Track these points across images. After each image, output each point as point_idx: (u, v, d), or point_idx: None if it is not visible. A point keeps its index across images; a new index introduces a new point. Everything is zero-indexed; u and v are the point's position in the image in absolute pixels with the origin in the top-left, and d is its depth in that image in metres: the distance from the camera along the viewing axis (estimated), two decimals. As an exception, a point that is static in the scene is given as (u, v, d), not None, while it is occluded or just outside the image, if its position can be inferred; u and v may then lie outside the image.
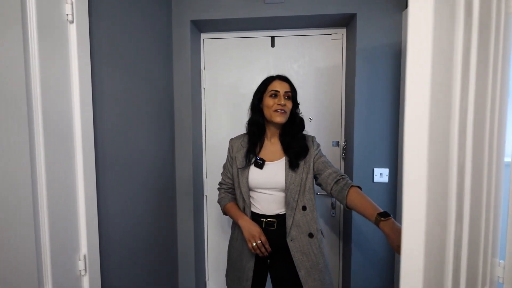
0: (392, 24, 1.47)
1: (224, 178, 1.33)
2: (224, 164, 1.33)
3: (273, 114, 1.16)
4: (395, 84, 1.49)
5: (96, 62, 0.92)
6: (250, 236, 1.14)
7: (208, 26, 1.70)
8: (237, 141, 1.28)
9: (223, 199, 1.30)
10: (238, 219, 1.20)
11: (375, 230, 1.56)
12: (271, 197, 1.19)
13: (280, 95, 1.16)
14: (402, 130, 1.48)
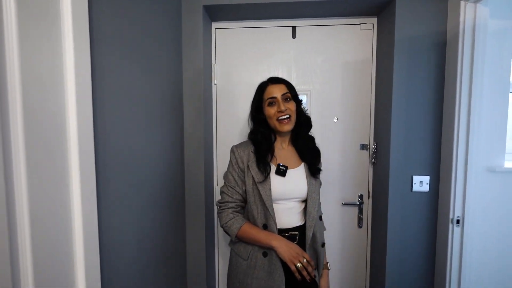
0: (435, 12, 1.28)
1: (230, 194, 1.09)
2: (228, 177, 1.11)
3: (277, 124, 1.08)
4: (438, 80, 1.31)
5: (96, 47, 0.71)
6: (292, 256, 0.99)
7: (221, 14, 1.49)
8: (245, 149, 1.11)
9: (234, 222, 1.06)
10: (270, 241, 1.01)
11: (413, 248, 1.38)
12: (291, 209, 1.09)
13: (279, 101, 1.08)
14: (445, 132, 1.30)
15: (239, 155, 1.10)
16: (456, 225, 1.26)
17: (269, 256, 1.04)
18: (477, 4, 1.17)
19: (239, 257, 1.09)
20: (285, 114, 1.06)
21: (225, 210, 1.09)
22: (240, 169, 1.10)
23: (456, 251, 1.26)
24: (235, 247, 1.12)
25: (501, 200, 1.38)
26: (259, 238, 1.03)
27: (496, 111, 1.34)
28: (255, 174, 1.06)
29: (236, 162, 1.10)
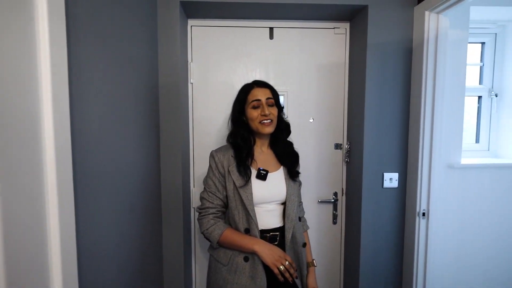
0: (404, 20, 1.37)
1: (211, 200, 1.08)
2: (208, 182, 1.10)
3: (259, 126, 1.09)
4: (405, 84, 1.41)
5: (73, 40, 0.65)
6: (275, 260, 1.00)
7: (197, 11, 1.45)
8: (226, 154, 1.10)
9: (215, 228, 1.04)
10: (253, 245, 1.01)
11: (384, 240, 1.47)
12: (271, 212, 1.10)
13: (263, 104, 1.09)
14: (412, 132, 1.40)
15: (219, 160, 1.09)
16: (422, 217, 1.37)
17: (251, 260, 1.03)
18: (439, 15, 1.27)
19: (219, 263, 1.07)
20: (268, 118, 1.08)
21: (205, 216, 1.07)
22: (220, 174, 1.08)
23: (422, 241, 1.37)
24: (214, 252, 1.10)
25: (459, 193, 1.53)
26: (241, 244, 1.02)
27: (454, 113, 1.48)
28: (236, 178, 1.05)
29: (216, 167, 1.09)
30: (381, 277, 1.49)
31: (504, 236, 1.58)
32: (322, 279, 1.70)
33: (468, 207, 1.55)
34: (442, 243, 1.53)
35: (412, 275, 1.40)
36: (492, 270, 1.60)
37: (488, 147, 1.71)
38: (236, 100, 1.15)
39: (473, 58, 1.70)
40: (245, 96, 1.12)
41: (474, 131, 1.74)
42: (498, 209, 1.56)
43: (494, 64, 1.67)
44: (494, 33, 1.65)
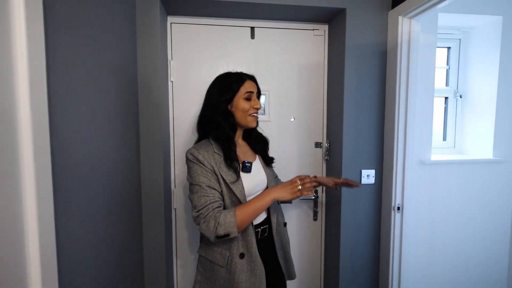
0: (378, 24, 1.44)
1: (211, 194, 0.98)
2: (201, 179, 0.99)
3: (249, 119, 1.09)
4: (381, 84, 1.48)
5: (51, 36, 0.61)
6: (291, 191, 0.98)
7: (178, 8, 1.42)
8: (208, 150, 1.03)
9: (226, 216, 0.94)
10: (268, 198, 0.98)
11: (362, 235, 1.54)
12: None
13: (255, 97, 1.11)
14: (387, 130, 1.47)
15: (203, 157, 1.01)
16: (397, 211, 1.44)
17: (247, 255, 1.03)
18: (411, 20, 1.35)
19: (216, 265, 1.04)
20: (257, 112, 1.11)
21: (210, 212, 0.95)
22: (213, 171, 1.01)
23: (398, 233, 1.45)
24: (209, 255, 1.06)
25: (429, 188, 1.64)
26: (259, 205, 0.97)
27: (425, 113, 1.58)
28: (226, 175, 1.01)
29: (203, 164, 1.00)
30: (360, 268, 1.56)
31: (469, 225, 1.71)
32: (304, 274, 1.74)
33: (437, 200, 1.66)
34: (415, 235, 1.63)
35: (389, 265, 1.48)
36: (459, 257, 1.73)
37: (454, 145, 1.84)
38: (224, 88, 1.07)
39: (441, 61, 1.82)
40: (238, 86, 1.07)
41: (441, 130, 1.86)
42: (463, 201, 1.69)
43: (459, 67, 1.80)
44: (459, 39, 1.78)
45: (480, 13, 1.60)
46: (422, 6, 1.23)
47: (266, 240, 1.14)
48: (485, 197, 1.71)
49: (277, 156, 1.60)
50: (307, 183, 0.99)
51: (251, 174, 1.10)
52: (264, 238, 1.13)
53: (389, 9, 1.44)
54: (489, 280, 1.76)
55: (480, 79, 1.73)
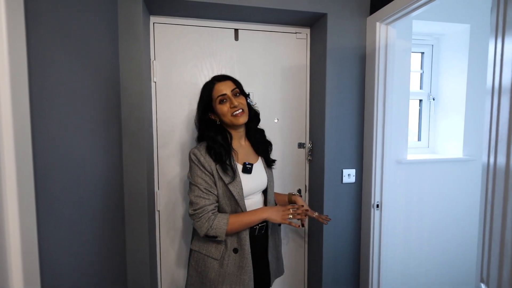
0: (358, 29, 1.50)
1: (207, 197, 1.05)
2: (199, 181, 1.05)
3: (233, 119, 1.10)
4: (361, 87, 1.54)
5: (32, 34, 0.59)
6: (282, 217, 1.09)
7: (161, 8, 1.41)
8: (208, 152, 1.09)
9: (220, 220, 1.03)
10: (261, 216, 1.07)
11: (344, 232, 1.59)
12: (256, 201, 1.16)
13: (230, 97, 1.10)
14: (366, 131, 1.53)
15: (205, 159, 1.06)
16: (376, 209, 1.51)
17: (240, 251, 1.09)
18: (388, 26, 1.42)
19: (210, 258, 1.09)
20: (238, 109, 1.09)
21: (204, 214, 1.03)
22: (209, 172, 1.06)
23: (377, 229, 1.51)
24: (204, 249, 1.10)
25: (405, 186, 1.72)
26: (251, 220, 1.06)
27: (401, 114, 1.66)
28: (224, 176, 1.06)
29: (203, 166, 1.05)
30: (342, 263, 1.61)
31: (441, 220, 1.82)
32: (288, 271, 1.77)
33: (413, 197, 1.75)
34: (392, 230, 1.71)
35: (369, 259, 1.54)
36: (433, 249, 1.83)
37: (428, 145, 1.94)
38: (201, 101, 1.14)
39: (415, 65, 1.92)
40: (209, 93, 1.11)
41: (416, 131, 1.96)
42: (436, 197, 1.79)
43: (432, 72, 1.91)
44: (432, 45, 1.89)
45: (450, 21, 1.71)
46: (398, 13, 1.29)
47: (262, 238, 1.18)
48: (456, 193, 1.82)
49: (261, 156, 1.62)
50: (297, 216, 1.11)
51: (251, 175, 1.13)
52: (261, 236, 1.17)
53: (368, 15, 1.50)
54: (460, 270, 1.87)
55: (451, 83, 1.84)
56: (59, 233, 0.71)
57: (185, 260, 1.62)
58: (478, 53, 1.75)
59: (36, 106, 0.61)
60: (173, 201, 1.59)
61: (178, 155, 1.57)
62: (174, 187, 1.58)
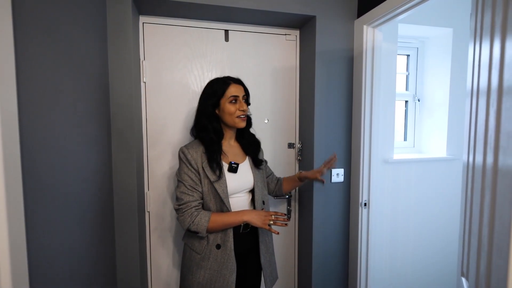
0: (346, 31, 1.54)
1: (191, 193, 1.11)
2: (185, 178, 1.12)
3: (236, 121, 1.16)
4: (349, 88, 1.57)
5: (20, 34, 0.59)
6: (263, 221, 1.12)
7: (150, 8, 1.40)
8: (197, 151, 1.14)
9: (201, 217, 1.09)
10: (242, 218, 1.11)
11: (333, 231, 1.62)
12: (242, 200, 1.20)
13: (240, 100, 1.16)
14: (354, 132, 1.57)
15: (192, 156, 1.12)
16: (364, 207, 1.54)
17: (223, 247, 1.12)
18: (375, 29, 1.46)
19: (193, 251, 1.15)
20: (244, 114, 1.17)
21: (188, 210, 1.09)
22: (195, 169, 1.11)
23: (365, 227, 1.55)
24: (189, 241, 1.17)
25: (392, 184, 1.77)
26: (231, 221, 1.10)
27: (388, 115, 1.70)
28: (210, 174, 1.10)
29: (190, 164, 1.11)
30: (331, 260, 1.64)
31: (426, 217, 1.87)
32: (278, 267, 1.79)
33: (399, 195, 1.80)
34: (380, 228, 1.75)
35: (357, 256, 1.58)
36: (418, 246, 1.88)
37: (414, 144, 2.00)
38: (210, 93, 1.17)
39: (401, 68, 1.97)
40: (223, 90, 1.15)
41: (402, 131, 2.02)
42: (421, 196, 1.85)
43: (417, 74, 1.97)
44: (417, 47, 1.95)
45: (434, 25, 1.77)
46: (384, 17, 1.33)
47: (249, 236, 1.21)
48: (440, 191, 1.88)
49: (251, 157, 1.63)
50: (278, 223, 1.14)
51: (237, 174, 1.17)
52: (247, 233, 1.19)
53: (355, 18, 1.54)
54: (443, 265, 1.94)
55: (435, 84, 1.91)
56: (48, 233, 0.71)
57: (177, 260, 1.62)
58: (461, 56, 1.81)
59: (24, 106, 0.60)
60: (163, 201, 1.58)
61: (168, 155, 1.57)
62: (164, 188, 1.58)
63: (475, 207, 0.77)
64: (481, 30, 0.82)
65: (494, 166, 0.63)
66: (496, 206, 0.62)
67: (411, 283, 1.89)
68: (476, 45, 0.86)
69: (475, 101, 0.84)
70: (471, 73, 0.88)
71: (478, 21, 0.85)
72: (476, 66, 0.85)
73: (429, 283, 1.93)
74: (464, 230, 0.88)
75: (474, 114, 0.83)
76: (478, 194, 0.74)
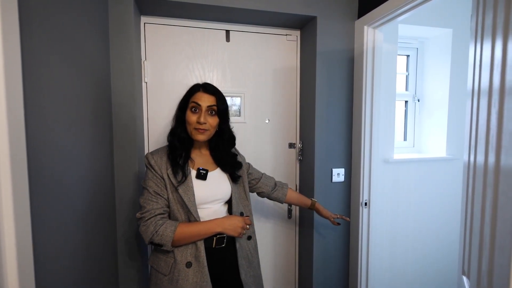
0: (347, 32, 1.54)
1: (156, 200, 0.98)
2: (149, 184, 1.00)
3: (193, 132, 1.05)
4: (350, 88, 1.58)
5: (26, 35, 0.59)
6: (238, 232, 1.03)
7: (152, 8, 1.41)
8: (163, 157, 1.04)
9: (166, 227, 0.94)
10: (215, 229, 0.99)
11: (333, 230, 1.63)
12: (214, 211, 1.07)
13: (202, 111, 1.03)
14: (355, 131, 1.58)
15: (155, 162, 1.02)
16: (365, 207, 1.55)
17: (195, 265, 0.99)
18: (375, 30, 1.46)
19: (159, 273, 1.01)
20: (202, 127, 1.03)
21: (151, 218, 0.95)
22: (159, 176, 1.01)
23: (365, 227, 1.56)
24: (155, 263, 1.03)
25: (392, 184, 1.78)
26: (201, 233, 0.98)
27: (388, 115, 1.71)
28: (174, 181, 1.00)
29: (153, 169, 1.01)
30: (332, 259, 1.65)
31: (426, 217, 1.88)
32: (279, 267, 1.79)
33: (399, 195, 1.81)
34: (380, 227, 1.76)
35: (358, 255, 1.58)
36: (418, 246, 1.89)
37: (413, 144, 2.01)
38: (182, 98, 1.10)
39: (401, 68, 1.98)
40: (188, 96, 1.07)
41: (402, 131, 2.03)
42: (421, 195, 1.86)
43: (417, 74, 1.98)
44: (416, 48, 1.96)
45: (434, 26, 1.78)
46: (384, 17, 1.34)
47: (225, 252, 1.07)
48: (440, 191, 1.89)
49: (252, 156, 1.64)
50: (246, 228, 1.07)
51: (206, 182, 1.06)
52: (222, 249, 1.06)
53: (356, 19, 1.54)
54: (444, 264, 1.95)
55: (435, 85, 1.92)
56: (52, 232, 0.71)
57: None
58: (460, 56, 1.82)
59: (30, 106, 0.61)
60: (164, 201, 1.58)
61: (169, 155, 1.57)
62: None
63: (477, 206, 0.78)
64: (482, 30, 0.83)
65: (496, 166, 0.63)
66: (498, 205, 0.62)
67: (411, 282, 1.90)
68: (477, 45, 0.86)
69: (476, 101, 0.85)
70: (472, 74, 0.89)
71: (479, 22, 0.86)
72: (477, 66, 0.85)
73: (430, 282, 1.94)
74: (465, 229, 0.89)
75: (475, 114, 0.83)
76: (479, 193, 0.75)
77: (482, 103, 0.78)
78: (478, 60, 0.84)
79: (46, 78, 0.69)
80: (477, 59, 0.86)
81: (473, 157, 0.82)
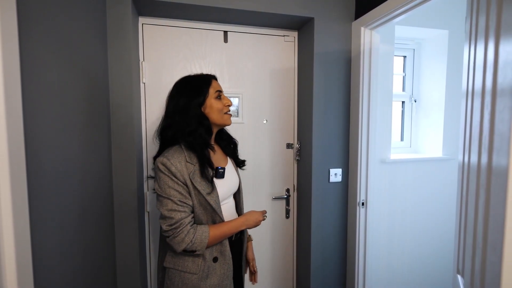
0: (344, 33, 1.55)
1: (182, 209, 0.95)
2: (172, 193, 0.94)
3: (225, 117, 1.06)
4: (346, 88, 1.59)
5: (24, 37, 0.60)
6: (259, 222, 1.10)
7: (150, 9, 1.41)
8: (181, 161, 0.97)
9: (201, 233, 0.95)
10: (241, 227, 1.06)
11: (331, 230, 1.64)
12: (230, 206, 1.13)
13: (223, 95, 1.08)
14: (352, 132, 1.59)
15: (176, 169, 0.94)
16: (362, 206, 1.56)
17: (220, 259, 1.03)
18: (372, 31, 1.48)
19: (187, 273, 0.99)
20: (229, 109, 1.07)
21: (183, 228, 0.93)
22: (182, 182, 0.95)
23: (362, 226, 1.57)
24: (179, 265, 1.00)
25: (389, 184, 1.79)
26: (231, 232, 1.04)
27: (385, 115, 1.73)
28: (200, 186, 0.97)
29: (175, 176, 0.94)
30: (329, 259, 1.66)
31: (422, 217, 1.90)
32: (277, 267, 1.80)
33: (396, 195, 1.82)
34: (377, 227, 1.78)
35: (355, 255, 1.59)
36: (414, 245, 1.91)
37: (410, 144, 2.02)
38: (197, 91, 1.02)
39: (398, 69, 2.00)
40: (207, 87, 1.03)
41: (399, 131, 2.04)
42: (418, 195, 1.87)
43: (413, 74, 1.99)
44: (413, 49, 1.97)
45: (430, 27, 1.79)
46: (381, 19, 1.35)
47: (238, 242, 1.16)
48: (436, 191, 1.90)
49: (250, 157, 1.65)
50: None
51: (224, 179, 1.06)
52: (237, 240, 1.15)
53: (353, 20, 1.55)
54: (440, 263, 1.96)
55: (431, 85, 1.93)
56: (50, 232, 0.72)
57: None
58: (456, 57, 1.84)
59: (28, 107, 0.61)
60: (162, 201, 1.59)
61: (167, 156, 1.57)
62: (163, 188, 1.58)
63: (470, 206, 0.79)
64: (476, 32, 0.84)
65: (489, 166, 0.64)
66: (490, 204, 0.63)
67: (408, 281, 1.91)
68: (471, 47, 0.87)
69: (470, 102, 0.86)
70: (466, 75, 0.90)
71: (473, 24, 0.87)
72: (471, 68, 0.86)
73: (426, 281, 1.95)
74: (460, 228, 0.90)
75: (469, 115, 0.85)
76: (473, 193, 0.76)
77: (475, 104, 0.79)
78: (472, 62, 0.86)
79: (45, 79, 0.70)
80: (471, 61, 0.87)
81: (467, 157, 0.83)
